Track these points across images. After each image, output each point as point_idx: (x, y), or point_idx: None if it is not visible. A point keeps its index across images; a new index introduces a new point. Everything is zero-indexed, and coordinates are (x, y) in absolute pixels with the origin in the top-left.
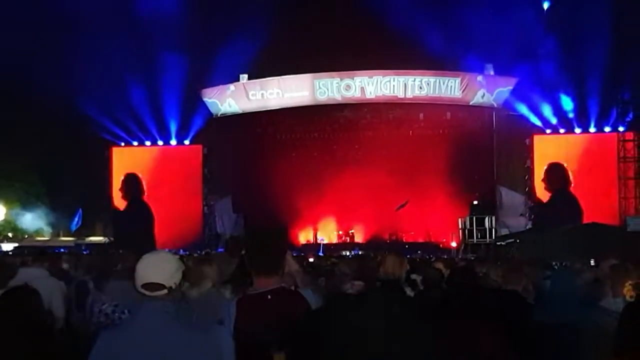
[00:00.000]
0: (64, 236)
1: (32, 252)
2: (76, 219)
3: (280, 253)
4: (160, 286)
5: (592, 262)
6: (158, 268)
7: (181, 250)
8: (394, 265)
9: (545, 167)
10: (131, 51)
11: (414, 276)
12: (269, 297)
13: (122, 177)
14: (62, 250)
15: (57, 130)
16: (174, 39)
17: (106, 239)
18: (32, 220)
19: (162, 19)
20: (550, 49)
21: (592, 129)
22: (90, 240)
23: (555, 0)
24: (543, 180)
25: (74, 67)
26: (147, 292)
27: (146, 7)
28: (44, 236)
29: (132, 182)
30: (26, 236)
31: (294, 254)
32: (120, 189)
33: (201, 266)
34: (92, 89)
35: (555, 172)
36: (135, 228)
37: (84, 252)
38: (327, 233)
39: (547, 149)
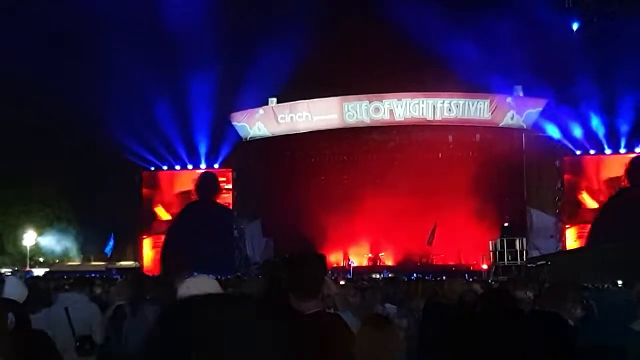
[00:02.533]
0: (95, 261)
1: (68, 278)
2: (111, 243)
3: (319, 277)
4: None
5: (620, 284)
6: (201, 292)
7: (211, 275)
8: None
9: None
10: (161, 76)
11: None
12: (310, 320)
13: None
14: (93, 275)
15: (88, 156)
16: (204, 63)
17: (136, 263)
18: (63, 245)
19: (192, 43)
20: (579, 70)
21: (622, 150)
22: (121, 265)
23: (585, 21)
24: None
25: (106, 92)
26: None
27: (176, 32)
28: (74, 261)
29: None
30: (57, 261)
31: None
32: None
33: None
34: (123, 114)
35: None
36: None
37: (115, 277)
38: (358, 256)
39: (577, 171)
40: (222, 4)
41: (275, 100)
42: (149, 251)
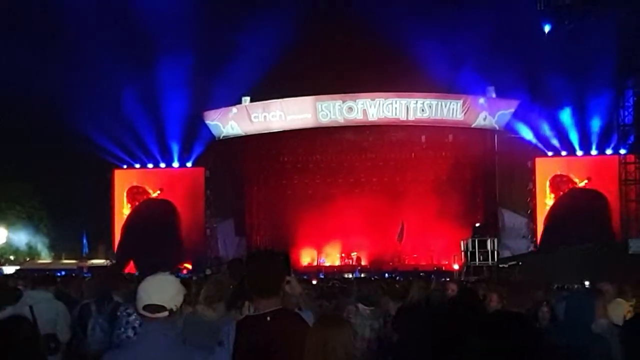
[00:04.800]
0: (66, 259)
1: (35, 275)
2: (85, 242)
3: (278, 275)
4: (162, 308)
5: (587, 284)
6: (160, 290)
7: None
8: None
9: None
10: (133, 73)
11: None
12: (269, 318)
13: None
14: (64, 273)
15: (59, 153)
16: (177, 61)
17: (108, 261)
18: (34, 243)
19: (165, 41)
20: (551, 72)
21: (593, 152)
22: (92, 263)
23: (556, 24)
24: None
25: (76, 90)
26: (148, 314)
27: (149, 29)
28: (45, 259)
29: None
30: (27, 259)
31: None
32: None
33: (216, 288)
34: (94, 112)
35: None
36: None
37: (86, 275)
38: (330, 256)
39: (549, 171)
40: (196, 2)
41: (248, 99)
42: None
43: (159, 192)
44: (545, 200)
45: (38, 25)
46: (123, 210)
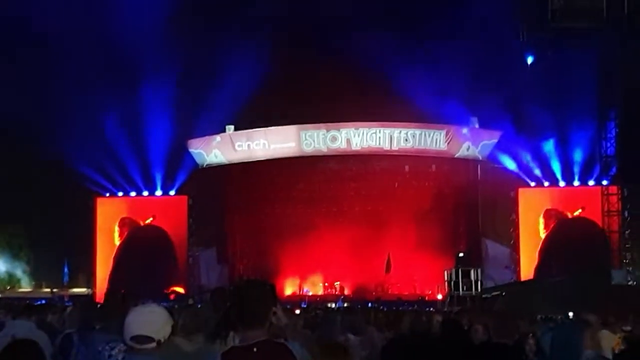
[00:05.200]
0: (46, 287)
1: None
2: (66, 270)
3: (265, 306)
4: (149, 339)
5: (571, 315)
6: (147, 321)
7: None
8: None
9: None
10: (116, 101)
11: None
12: (255, 349)
13: None
14: (44, 302)
15: (40, 181)
16: (160, 90)
17: (89, 290)
18: (14, 271)
19: (149, 69)
20: (534, 103)
21: (576, 182)
22: (73, 292)
23: (539, 55)
24: None
25: (58, 117)
26: (136, 345)
27: (131, 57)
28: (26, 287)
29: None
30: (8, 287)
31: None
32: None
33: (192, 319)
34: (76, 139)
35: None
36: None
37: (67, 304)
38: (313, 285)
39: (532, 202)
40: (179, 30)
41: (232, 127)
42: (102, 278)
43: (151, 219)
44: (540, 235)
45: (20, 52)
46: (114, 241)
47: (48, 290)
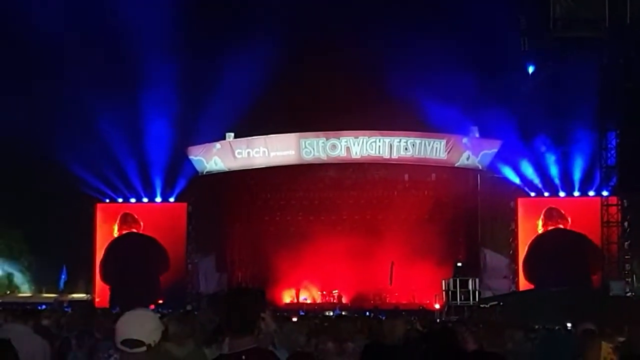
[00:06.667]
0: (46, 292)
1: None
2: (63, 276)
3: (254, 313)
4: (140, 343)
5: (569, 326)
6: (138, 325)
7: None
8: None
9: None
10: (116, 108)
11: None
12: (243, 357)
13: None
14: (44, 307)
15: (41, 187)
16: (161, 96)
17: (88, 296)
18: (15, 277)
19: (149, 75)
20: (535, 113)
21: (576, 193)
22: (72, 297)
23: (540, 65)
24: None
25: (58, 123)
26: (126, 349)
27: (132, 63)
28: (26, 292)
29: None
30: (8, 292)
31: (277, 314)
32: None
33: (184, 324)
34: (77, 146)
35: None
36: None
37: (66, 309)
38: (311, 293)
39: (532, 212)
40: (180, 37)
41: (232, 134)
42: (102, 284)
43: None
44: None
45: (21, 58)
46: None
47: (48, 295)
